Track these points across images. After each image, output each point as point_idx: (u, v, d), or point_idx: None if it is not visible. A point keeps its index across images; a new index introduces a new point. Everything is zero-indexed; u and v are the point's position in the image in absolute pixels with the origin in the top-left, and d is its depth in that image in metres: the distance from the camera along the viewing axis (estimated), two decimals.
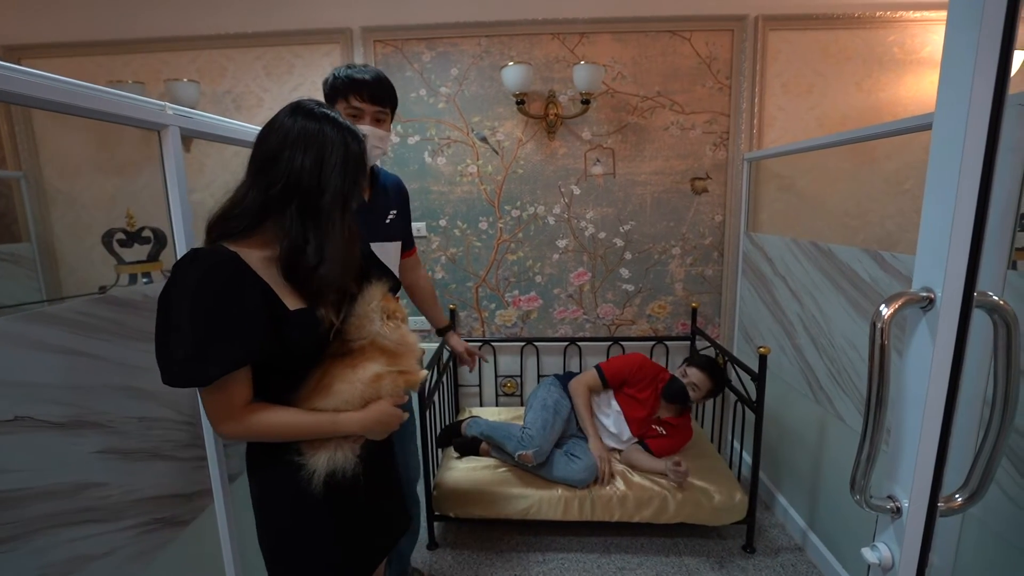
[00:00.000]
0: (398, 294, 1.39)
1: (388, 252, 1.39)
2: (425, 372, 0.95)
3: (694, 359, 1.96)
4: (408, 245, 1.53)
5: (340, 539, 0.92)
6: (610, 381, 1.99)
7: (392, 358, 0.88)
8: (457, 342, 1.72)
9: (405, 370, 0.90)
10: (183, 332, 0.72)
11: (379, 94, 1.22)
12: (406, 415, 1.01)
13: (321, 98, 1.22)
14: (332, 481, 0.85)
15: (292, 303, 0.81)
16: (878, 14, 2.15)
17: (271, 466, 0.88)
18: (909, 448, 0.62)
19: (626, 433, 1.96)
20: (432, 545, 1.87)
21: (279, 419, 0.82)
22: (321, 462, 0.84)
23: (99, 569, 0.91)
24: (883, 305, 0.60)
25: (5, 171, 2.38)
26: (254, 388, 0.81)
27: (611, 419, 1.98)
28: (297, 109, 0.81)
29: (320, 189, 0.79)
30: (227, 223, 0.81)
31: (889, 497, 0.64)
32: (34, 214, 2.37)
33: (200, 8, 2.20)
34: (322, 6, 2.20)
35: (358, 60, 2.23)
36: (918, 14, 2.15)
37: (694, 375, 1.89)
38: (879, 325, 0.60)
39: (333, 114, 0.82)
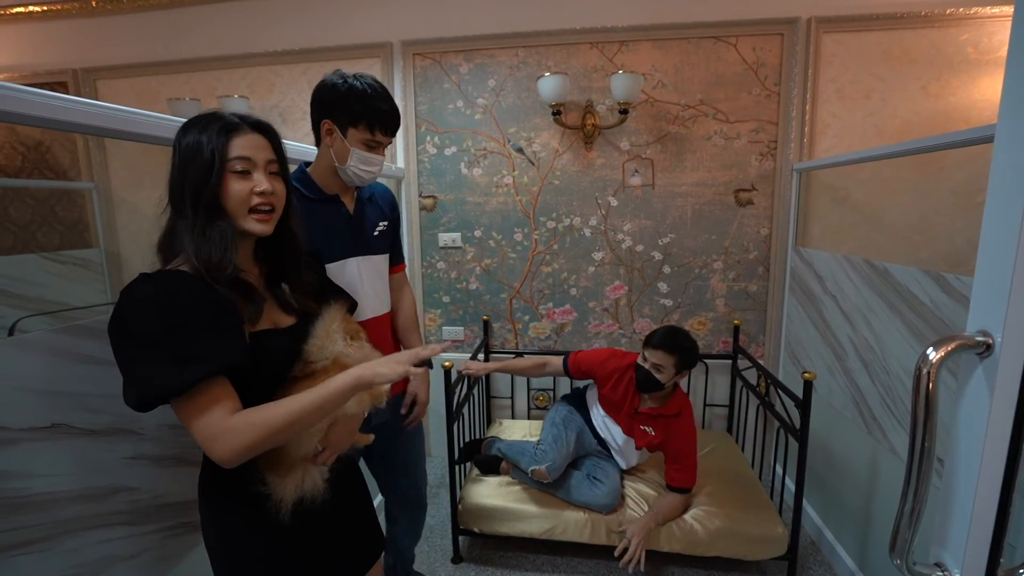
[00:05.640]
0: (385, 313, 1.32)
1: (376, 265, 1.31)
2: (387, 385, 0.90)
3: (649, 338, 1.70)
4: (396, 260, 1.41)
5: (311, 570, 0.89)
6: (571, 367, 1.86)
7: None
8: (420, 388, 1.40)
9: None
10: (154, 343, 0.69)
11: (397, 126, 1.19)
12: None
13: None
14: (300, 509, 0.82)
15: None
16: (949, 11, 1.98)
17: (231, 506, 0.84)
18: (962, 510, 0.55)
19: (621, 437, 1.81)
20: (456, 559, 1.85)
21: (276, 411, 0.73)
22: (289, 490, 0.81)
23: (127, 570, 0.95)
24: (931, 348, 0.53)
25: (79, 183, 2.59)
26: None
27: (612, 435, 1.85)
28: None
29: (181, 191, 0.77)
30: (161, 251, 0.81)
31: (937, 564, 0.57)
32: (103, 222, 2.56)
33: (251, 27, 2.32)
34: (363, 22, 2.26)
35: (397, 73, 2.27)
36: (996, 9, 1.97)
37: (652, 355, 1.66)
38: (925, 370, 0.53)
39: (207, 113, 0.79)
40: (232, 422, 0.71)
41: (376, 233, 1.31)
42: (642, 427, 1.77)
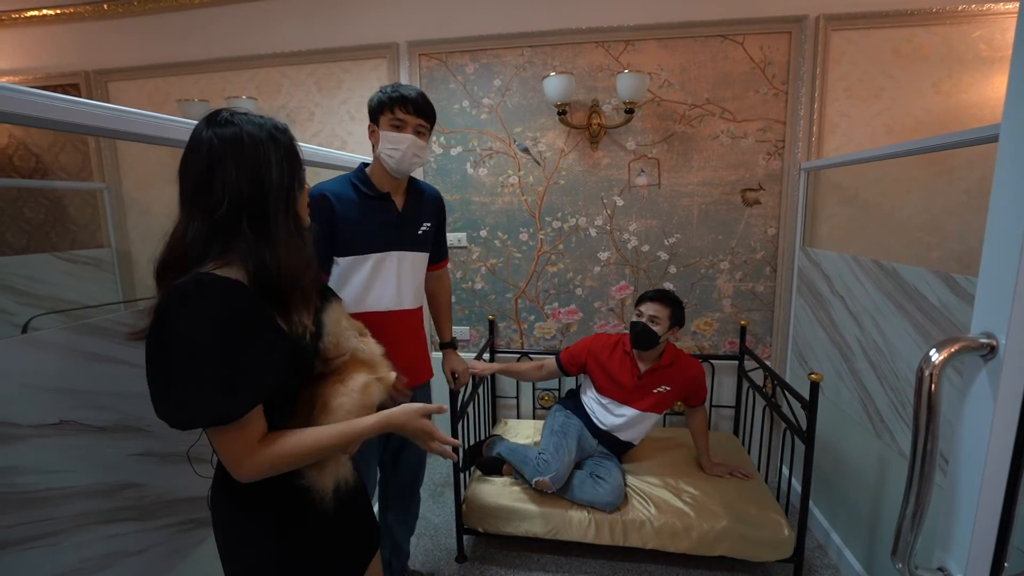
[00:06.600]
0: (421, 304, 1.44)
1: (414, 262, 1.41)
2: (394, 374, 0.96)
3: (643, 295, 1.86)
4: (441, 256, 1.57)
5: (346, 555, 0.92)
6: (564, 361, 1.94)
7: (370, 368, 0.92)
8: (456, 361, 1.64)
9: (381, 376, 0.92)
10: (207, 367, 0.66)
11: (423, 108, 1.29)
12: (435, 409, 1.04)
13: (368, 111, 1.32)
14: (337, 496, 0.84)
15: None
16: (961, 8, 1.95)
17: (263, 502, 0.82)
18: (965, 513, 0.54)
19: (631, 412, 1.83)
20: (461, 558, 1.86)
21: (302, 441, 0.75)
22: (328, 480, 0.83)
23: (134, 565, 0.96)
24: (933, 350, 0.53)
25: (91, 183, 2.63)
26: None
27: (620, 414, 1.86)
28: (210, 122, 0.74)
29: (263, 194, 0.73)
30: (179, 263, 0.73)
31: (940, 569, 0.56)
32: (114, 222, 2.59)
33: (259, 29, 2.34)
34: (370, 23, 2.27)
35: (403, 73, 2.28)
36: (1009, 5, 1.94)
37: (648, 308, 1.80)
38: (927, 372, 0.53)
39: (244, 113, 0.76)
40: (260, 448, 0.73)
41: (420, 232, 1.40)
42: (656, 390, 1.83)
